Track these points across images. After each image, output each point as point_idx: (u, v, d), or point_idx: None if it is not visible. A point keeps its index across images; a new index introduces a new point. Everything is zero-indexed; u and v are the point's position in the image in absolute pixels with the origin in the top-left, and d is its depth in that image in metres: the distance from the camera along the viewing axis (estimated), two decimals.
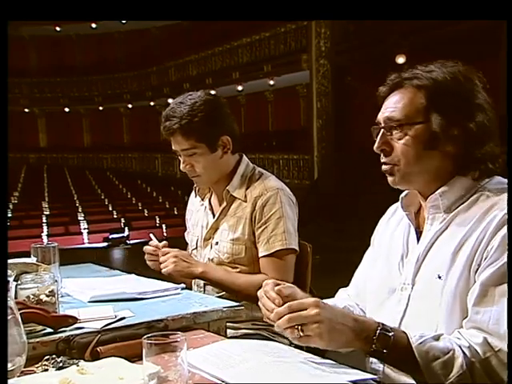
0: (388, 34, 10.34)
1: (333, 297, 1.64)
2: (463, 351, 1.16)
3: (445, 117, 1.27)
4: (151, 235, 2.12)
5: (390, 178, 1.36)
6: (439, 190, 1.31)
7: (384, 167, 1.36)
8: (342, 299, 1.59)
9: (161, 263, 1.95)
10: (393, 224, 1.50)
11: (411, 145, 1.30)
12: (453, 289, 1.23)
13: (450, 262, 1.25)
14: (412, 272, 1.34)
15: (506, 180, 1.32)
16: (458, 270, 1.24)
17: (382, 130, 1.34)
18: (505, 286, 1.16)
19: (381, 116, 1.35)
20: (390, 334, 1.17)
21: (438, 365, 1.15)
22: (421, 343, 1.17)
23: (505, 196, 1.25)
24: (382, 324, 1.19)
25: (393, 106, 1.33)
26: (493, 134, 1.30)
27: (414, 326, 1.30)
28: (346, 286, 1.67)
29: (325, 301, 1.46)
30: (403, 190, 1.43)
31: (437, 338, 1.19)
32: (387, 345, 1.17)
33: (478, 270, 1.21)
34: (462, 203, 1.30)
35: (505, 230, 1.19)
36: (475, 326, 1.19)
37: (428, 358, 1.16)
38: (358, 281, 1.59)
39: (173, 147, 2.03)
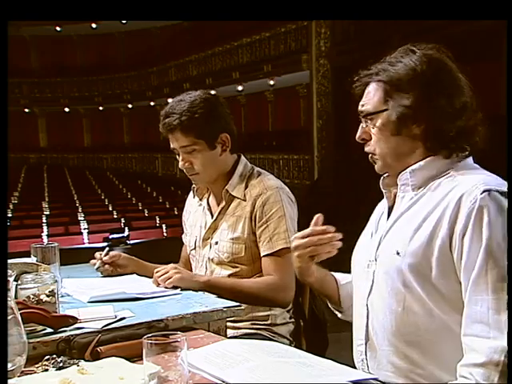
0: (388, 34, 10.34)
1: None
2: None
3: (403, 104, 1.33)
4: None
5: (375, 167, 1.44)
6: (409, 169, 1.36)
7: (369, 157, 1.44)
8: None
9: (162, 277, 1.85)
10: (379, 209, 1.53)
11: (380, 133, 1.38)
12: (412, 265, 1.27)
13: (409, 238, 1.29)
14: (375, 249, 1.40)
15: (476, 165, 1.36)
16: (416, 245, 1.27)
17: (362, 121, 1.42)
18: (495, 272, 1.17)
19: (359, 109, 1.43)
20: None
21: None
22: None
23: (470, 176, 1.28)
24: None
25: (364, 99, 1.41)
26: (461, 112, 1.32)
27: (379, 302, 1.35)
28: None
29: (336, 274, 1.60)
30: None
31: None
32: None
33: (452, 253, 1.23)
34: (429, 184, 1.34)
35: (470, 209, 1.20)
36: (476, 319, 1.18)
37: None
38: None
39: (171, 145, 2.04)
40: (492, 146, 1.37)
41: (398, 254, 1.30)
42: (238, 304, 1.62)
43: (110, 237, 9.34)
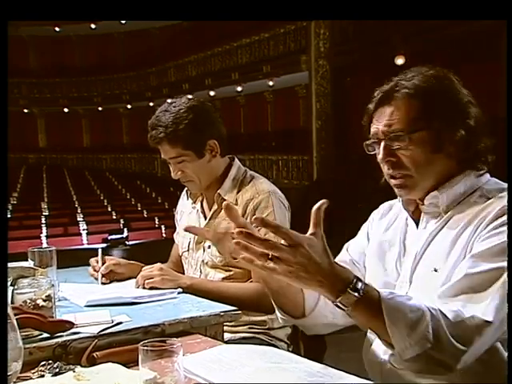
0: (388, 35, 10.33)
1: None
2: (431, 313, 1.14)
3: (444, 118, 1.30)
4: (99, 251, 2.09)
5: (401, 192, 1.36)
6: (438, 189, 1.33)
7: (394, 181, 1.35)
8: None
9: (147, 277, 1.87)
10: (386, 222, 1.50)
11: (418, 151, 1.30)
12: (448, 278, 1.25)
13: (446, 254, 1.28)
14: (410, 270, 1.36)
15: (501, 182, 1.35)
16: (453, 260, 1.26)
17: (383, 141, 1.33)
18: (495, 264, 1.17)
19: (378, 128, 1.34)
20: (362, 286, 1.13)
21: (403, 321, 1.12)
22: (390, 298, 1.14)
23: (502, 195, 1.28)
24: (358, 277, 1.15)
25: (390, 117, 1.32)
26: (485, 127, 1.33)
27: None
28: None
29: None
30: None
31: (408, 298, 1.18)
32: (359, 293, 1.12)
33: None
34: (460, 202, 1.32)
35: (502, 218, 1.21)
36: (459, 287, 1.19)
37: (394, 315, 1.12)
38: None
39: (162, 155, 2.05)
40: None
41: (435, 271, 1.29)
42: (235, 308, 1.61)
43: (109, 238, 9.34)
